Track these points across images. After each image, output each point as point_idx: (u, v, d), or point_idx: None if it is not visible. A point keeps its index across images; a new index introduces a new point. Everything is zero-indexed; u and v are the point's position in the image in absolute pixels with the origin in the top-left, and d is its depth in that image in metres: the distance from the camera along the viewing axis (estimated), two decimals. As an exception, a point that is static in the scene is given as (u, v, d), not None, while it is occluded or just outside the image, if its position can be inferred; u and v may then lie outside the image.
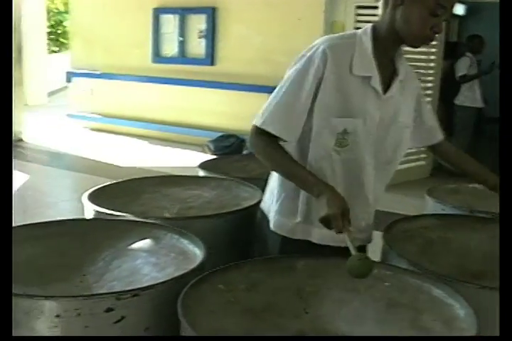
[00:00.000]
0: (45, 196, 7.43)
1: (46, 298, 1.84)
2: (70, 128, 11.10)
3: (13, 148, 9.44)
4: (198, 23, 10.05)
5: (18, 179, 7.77)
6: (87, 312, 1.83)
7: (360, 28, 2.36)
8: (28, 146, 9.75)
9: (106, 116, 10.81)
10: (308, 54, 2.24)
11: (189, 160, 8.63)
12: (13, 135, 9.85)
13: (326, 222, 2.06)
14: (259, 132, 2.26)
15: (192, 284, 1.94)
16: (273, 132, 2.23)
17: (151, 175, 3.48)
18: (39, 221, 2.56)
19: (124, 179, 3.40)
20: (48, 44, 16.70)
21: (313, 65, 2.21)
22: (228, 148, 8.85)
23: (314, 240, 2.39)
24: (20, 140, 9.92)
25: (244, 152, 8.48)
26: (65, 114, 11.44)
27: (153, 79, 10.24)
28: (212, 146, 9.04)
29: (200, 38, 10.12)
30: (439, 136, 2.62)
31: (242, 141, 8.89)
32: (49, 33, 17.21)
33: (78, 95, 11.33)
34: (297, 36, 8.47)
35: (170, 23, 10.40)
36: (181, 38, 10.24)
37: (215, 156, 6.92)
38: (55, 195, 7.51)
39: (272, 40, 9.00)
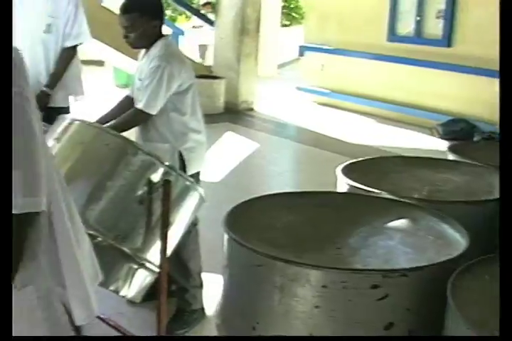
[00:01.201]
0: (270, 165, 7.63)
1: (315, 267, 1.87)
2: (298, 100, 11.28)
3: (244, 117, 9.82)
4: (438, 2, 9.73)
5: (248, 147, 8.04)
6: (352, 286, 1.85)
7: None
8: (258, 116, 10.02)
9: (335, 92, 10.83)
10: None
11: (417, 141, 8.49)
12: (245, 104, 10.20)
13: None
14: None
15: (459, 271, 1.89)
16: None
17: (396, 155, 3.47)
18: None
19: (369, 157, 3.39)
20: (281, 18, 17.02)
21: None
22: (457, 133, 8.54)
23: None
24: (252, 109, 10.23)
25: (475, 138, 8.17)
26: (294, 86, 11.62)
27: (386, 57, 10.09)
28: (441, 130, 8.78)
29: (438, 18, 9.80)
30: None
31: (473, 126, 8.57)
32: (282, 7, 17.52)
33: (309, 69, 11.46)
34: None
35: (408, 2, 10.18)
36: (418, 17, 9.99)
37: (447, 140, 6.73)
38: (280, 165, 7.69)
39: (517, 24, 8.51)
